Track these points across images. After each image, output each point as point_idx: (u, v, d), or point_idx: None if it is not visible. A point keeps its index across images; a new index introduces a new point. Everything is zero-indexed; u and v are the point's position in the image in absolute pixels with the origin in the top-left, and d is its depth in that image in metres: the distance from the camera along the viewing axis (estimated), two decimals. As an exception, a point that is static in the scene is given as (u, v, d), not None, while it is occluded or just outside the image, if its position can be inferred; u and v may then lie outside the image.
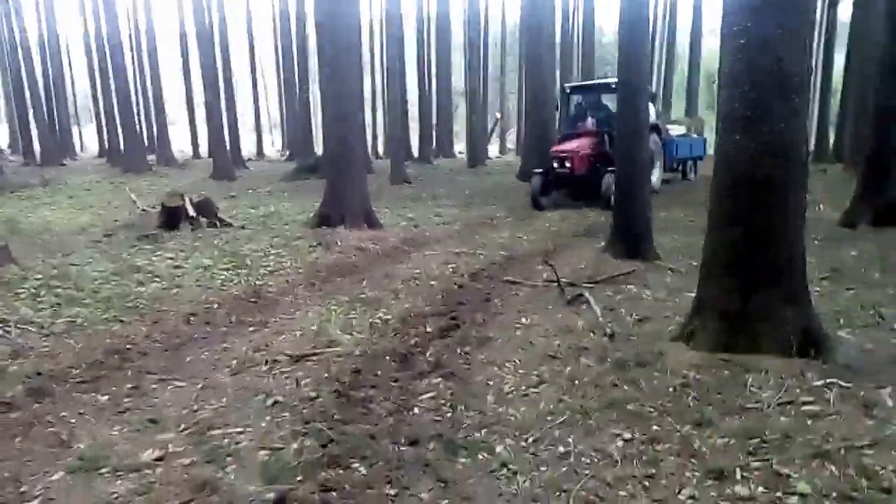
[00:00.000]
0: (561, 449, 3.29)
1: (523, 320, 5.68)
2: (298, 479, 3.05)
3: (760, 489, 2.86)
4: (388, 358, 4.72)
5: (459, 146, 39.94)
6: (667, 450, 3.22)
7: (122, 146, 26.41)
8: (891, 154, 10.10)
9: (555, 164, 14.54)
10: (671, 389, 3.89)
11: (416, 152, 30.49)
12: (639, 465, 3.10)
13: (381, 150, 40.05)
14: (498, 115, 44.79)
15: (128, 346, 5.09)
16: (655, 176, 14.89)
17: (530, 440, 3.41)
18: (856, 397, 3.69)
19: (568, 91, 16.56)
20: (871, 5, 17.62)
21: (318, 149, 27.59)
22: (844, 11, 29.96)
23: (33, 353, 4.86)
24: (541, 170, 15.08)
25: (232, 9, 36.37)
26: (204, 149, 39.28)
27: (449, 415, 3.76)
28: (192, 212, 11.00)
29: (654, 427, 3.46)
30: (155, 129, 30.54)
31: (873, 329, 5.08)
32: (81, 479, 3.14)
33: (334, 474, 3.08)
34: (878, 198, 9.99)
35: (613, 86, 14.77)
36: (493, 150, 40.73)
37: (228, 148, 24.78)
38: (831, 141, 24.84)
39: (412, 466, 3.15)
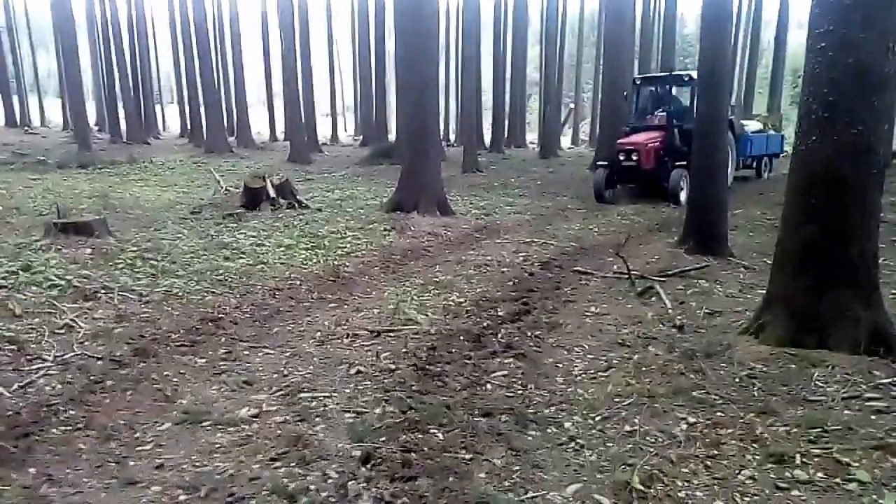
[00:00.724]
0: (627, 428, 3.47)
1: (593, 309, 5.84)
2: (382, 439, 3.32)
3: (820, 475, 2.97)
4: (461, 337, 4.96)
5: (531, 136, 39.85)
6: (729, 434, 3.35)
7: (204, 127, 27.44)
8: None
9: (621, 157, 14.10)
10: (737, 380, 4.02)
11: (487, 141, 30.60)
12: (702, 446, 3.25)
13: (452, 137, 40.34)
14: (572, 106, 44.41)
15: (220, 316, 5.48)
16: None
17: (598, 418, 3.60)
18: (923, 396, 3.74)
19: (638, 82, 16.13)
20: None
21: (392, 135, 28.11)
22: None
23: (135, 318, 5.29)
24: (606, 161, 14.77)
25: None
26: (280, 132, 40.43)
27: (520, 391, 3.98)
28: (272, 193, 11.47)
29: (719, 413, 3.60)
30: (235, 111, 31.56)
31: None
32: (186, 430, 3.48)
33: (414, 437, 3.33)
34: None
35: (686, 79, 14.55)
36: (565, 141, 40.43)
37: (305, 132, 25.43)
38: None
39: (486, 435, 3.38)
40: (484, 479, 3.00)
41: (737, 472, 3.03)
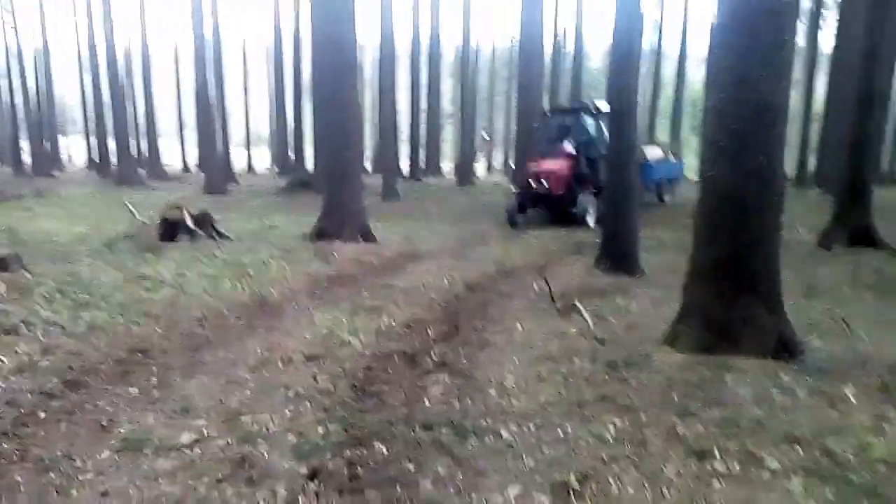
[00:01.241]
0: (560, 433, 3.67)
1: (519, 327, 6.08)
2: (327, 456, 3.40)
3: (736, 466, 3.25)
4: (396, 358, 5.08)
5: (446, 165, 40.50)
6: (654, 434, 3.61)
7: (113, 158, 26.64)
8: (863, 181, 10.69)
9: (532, 183, 14.75)
10: (657, 385, 4.31)
11: (404, 170, 30.92)
12: (629, 446, 3.49)
13: (369, 166, 40.50)
14: (486, 136, 45.45)
15: (148, 346, 5.40)
16: None
17: (532, 426, 3.79)
18: (823, 394, 4.13)
19: (547, 113, 16.92)
20: (849, 38, 18.35)
21: (310, 164, 28.02)
22: (825, 40, 31.02)
23: (61, 351, 5.15)
24: (518, 189, 15.35)
25: (225, 24, 36.89)
26: (192, 163, 39.61)
27: (457, 405, 4.13)
28: (191, 224, 11.31)
29: (643, 416, 3.85)
30: (146, 142, 30.78)
31: (841, 338, 5.56)
32: (127, 458, 3.45)
33: (359, 453, 3.43)
34: (851, 221, 10.55)
35: (592, 109, 15.37)
36: (480, 169, 41.28)
37: (220, 162, 25.07)
38: (812, 166, 25.61)
39: (428, 447, 3.51)
40: (430, 487, 3.12)
41: (663, 467, 3.27)
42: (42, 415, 3.94)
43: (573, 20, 32.68)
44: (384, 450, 3.49)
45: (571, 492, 3.04)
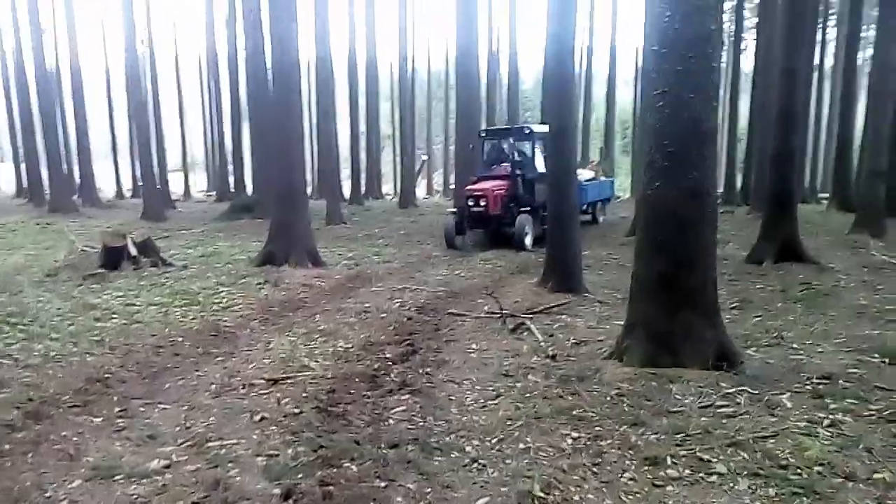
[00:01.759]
0: (521, 446, 3.88)
1: (473, 346, 6.29)
2: (299, 476, 3.52)
3: (687, 471, 3.50)
4: (357, 379, 5.21)
5: (386, 187, 40.67)
6: (609, 444, 3.85)
7: (45, 186, 25.90)
8: (788, 197, 11.29)
9: (469, 203, 14.75)
10: (608, 398, 4.56)
11: (345, 193, 30.92)
12: (587, 456, 3.71)
13: (309, 191, 40.31)
14: (424, 158, 45.79)
15: (106, 375, 5.40)
16: None
17: (494, 440, 3.98)
18: (761, 401, 4.44)
19: (483, 135, 17.04)
20: (769, 59, 19.34)
21: (249, 189, 27.79)
22: (746, 61, 32.55)
23: (17, 383, 5.11)
24: (455, 209, 15.43)
25: (159, 49, 36.37)
26: (127, 189, 38.72)
27: (421, 423, 4.30)
28: (134, 252, 11.15)
29: (597, 427, 4.09)
30: (79, 168, 29.95)
31: (775, 348, 5.92)
32: (99, 486, 3.50)
33: (329, 472, 3.55)
34: (778, 236, 11.11)
35: (527, 131, 15.68)
36: (420, 191, 41.54)
37: (158, 188, 24.65)
38: (738, 183, 26.70)
39: (396, 464, 3.66)
40: (401, 501, 3.27)
41: (619, 475, 3.50)
42: (6, 447, 3.93)
43: (507, 42, 33.44)
44: (354, 468, 3.62)
45: (536, 500, 3.23)
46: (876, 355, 5.52)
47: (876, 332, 6.50)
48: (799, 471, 3.43)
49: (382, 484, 3.45)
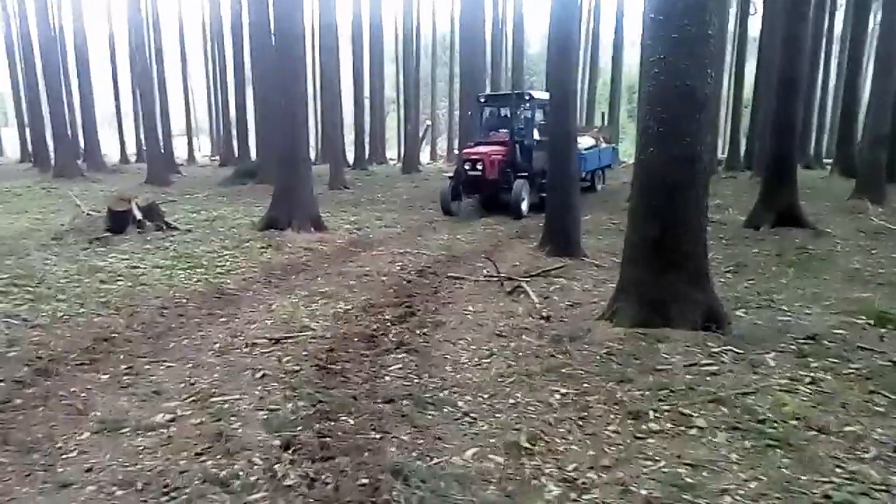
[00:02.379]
0: (511, 401, 4.04)
1: (470, 308, 6.44)
2: (298, 429, 3.68)
3: (668, 425, 3.66)
4: (356, 339, 5.37)
5: (390, 153, 40.59)
6: (595, 399, 4.01)
7: (51, 151, 25.97)
8: (788, 163, 11.34)
9: (466, 167, 14.65)
10: (598, 357, 4.72)
11: (349, 158, 30.93)
12: (573, 410, 3.88)
13: (313, 155, 40.29)
14: (429, 123, 45.55)
15: (112, 335, 5.56)
16: None
17: (485, 396, 4.15)
18: (745, 360, 4.60)
19: (483, 101, 16.81)
20: (775, 24, 19.17)
21: (253, 154, 27.84)
22: (754, 25, 32.17)
23: (26, 342, 5.28)
24: (451, 173, 15.27)
25: (163, 14, 36.10)
26: (131, 153, 38.78)
27: (416, 380, 4.46)
28: (139, 215, 11.29)
29: (585, 384, 4.26)
30: (83, 133, 29.99)
31: (765, 310, 6.07)
32: (107, 438, 3.67)
33: (327, 425, 3.72)
34: (777, 202, 11.19)
35: (527, 97, 15.58)
36: (424, 156, 41.47)
37: (162, 153, 24.71)
38: (742, 149, 26.63)
39: (391, 417, 3.83)
40: (395, 452, 3.44)
41: (603, 428, 3.67)
42: (18, 401, 4.11)
43: (512, 5, 33.11)
44: (350, 421, 3.79)
45: (523, 451, 3.40)
46: (862, 317, 5.66)
47: (865, 294, 6.64)
48: (775, 425, 3.58)
49: (377, 436, 3.62)
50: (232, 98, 31.18)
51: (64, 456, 3.47)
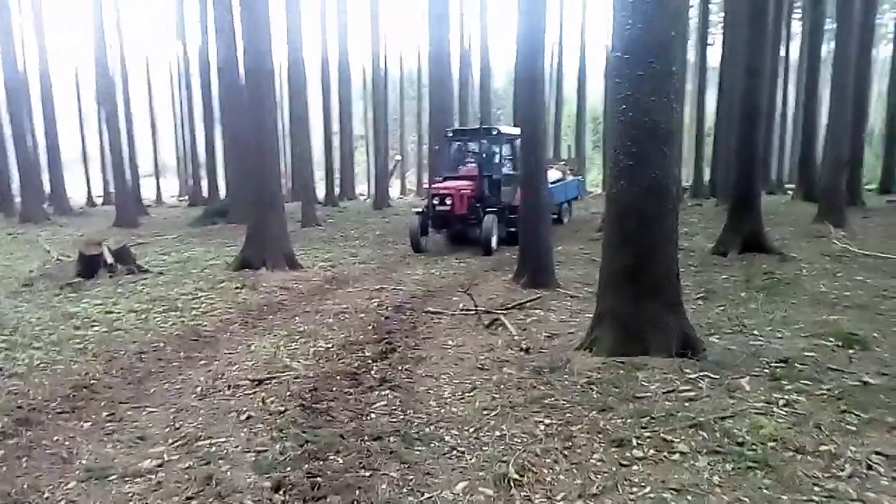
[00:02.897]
0: (497, 434, 4.11)
1: (450, 342, 6.51)
2: (287, 469, 3.70)
3: (651, 451, 3.76)
4: (338, 377, 5.40)
5: (359, 188, 40.76)
6: (579, 429, 4.10)
7: (15, 195, 25.63)
8: (752, 191, 11.67)
9: (435, 202, 14.49)
10: (578, 386, 4.82)
11: (319, 196, 30.95)
12: (558, 440, 3.95)
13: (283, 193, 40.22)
14: (398, 158, 45.73)
15: (92, 382, 5.51)
16: None
17: (471, 430, 4.21)
18: (722, 385, 4.73)
19: (450, 135, 16.72)
20: (735, 55, 19.78)
21: (223, 192, 27.76)
22: (713, 55, 33.15)
23: (4, 392, 5.23)
24: (420, 209, 15.12)
25: (130, 55, 36.07)
26: (98, 196, 38.37)
27: (401, 417, 4.51)
28: (110, 259, 11.22)
29: (568, 414, 4.35)
30: (49, 176, 29.64)
31: (737, 335, 6.23)
32: (95, 486, 3.66)
33: (316, 465, 3.75)
34: (743, 229, 11.49)
35: (493, 132, 15.72)
36: (394, 191, 41.69)
37: (130, 194, 24.53)
38: (706, 177, 27.25)
39: (379, 455, 3.87)
40: (386, 489, 3.48)
41: (588, 457, 3.74)
42: (0, 452, 4.07)
43: (479, 40, 33.72)
44: (339, 460, 3.82)
45: (512, 483, 3.46)
46: (831, 339, 5.86)
47: (833, 317, 6.85)
48: (754, 447, 3.69)
49: (367, 473, 3.65)
50: (201, 137, 31.11)
51: (52, 507, 3.45)
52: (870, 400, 4.36)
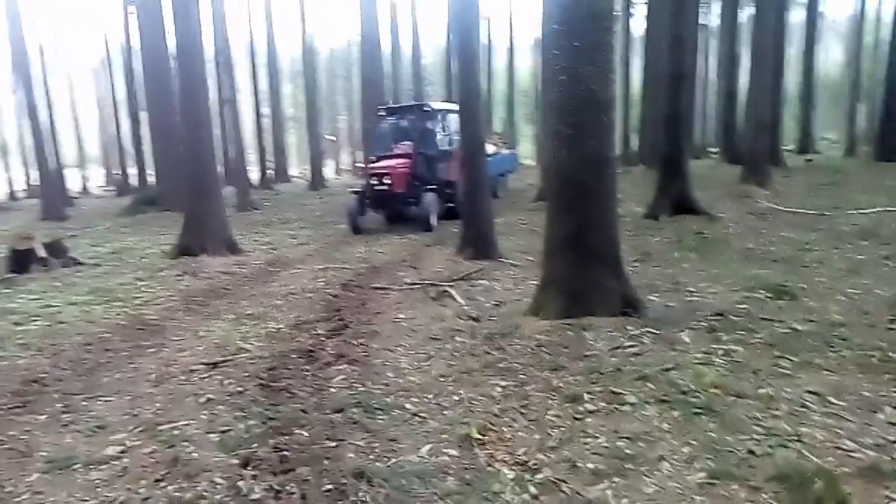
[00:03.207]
0: (456, 398, 4.27)
1: (401, 315, 6.63)
2: (254, 446, 3.77)
3: (602, 404, 3.97)
4: (294, 356, 5.45)
5: (293, 170, 40.25)
6: (533, 388, 4.29)
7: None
8: (679, 156, 12.10)
9: (373, 182, 14.29)
10: (530, 349, 5.02)
11: (253, 179, 30.46)
12: (515, 400, 4.14)
13: (215, 178, 39.39)
14: (333, 138, 45.30)
15: (41, 376, 5.40)
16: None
17: (431, 396, 4.35)
18: (664, 339, 5.00)
19: (382, 113, 16.42)
20: (659, 23, 20.26)
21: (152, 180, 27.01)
22: (637, 26, 33.84)
23: (-53, 391, 5.10)
24: (356, 189, 14.88)
25: (48, 38, 34.51)
26: (21, 189, 36.80)
27: (361, 389, 4.61)
28: (43, 253, 10.90)
29: (522, 376, 4.54)
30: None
31: (674, 293, 6.56)
32: (59, 476, 3.64)
33: (282, 440, 3.82)
34: (672, 193, 11.92)
35: (426, 108, 15.65)
36: (328, 171, 41.30)
37: (56, 186, 23.65)
38: (634, 144, 27.95)
39: (343, 425, 3.97)
40: (353, 457, 3.59)
41: (545, 413, 3.93)
42: (-45, 451, 4.00)
43: (409, 16, 33.56)
44: (305, 434, 3.91)
45: (474, 442, 3.62)
46: (761, 291, 6.22)
47: (761, 271, 7.25)
48: (698, 394, 3.94)
49: (333, 444, 3.75)
50: (126, 125, 30.16)
51: (16, 499, 3.43)
52: (800, 345, 4.69)
